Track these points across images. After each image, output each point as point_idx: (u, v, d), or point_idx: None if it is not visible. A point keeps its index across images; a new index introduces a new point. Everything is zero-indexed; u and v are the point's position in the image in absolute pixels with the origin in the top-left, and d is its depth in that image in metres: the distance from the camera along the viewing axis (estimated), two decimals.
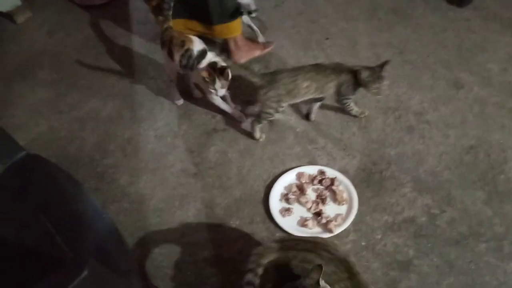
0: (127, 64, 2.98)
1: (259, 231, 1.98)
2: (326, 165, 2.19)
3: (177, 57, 2.24)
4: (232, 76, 2.19)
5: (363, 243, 1.88)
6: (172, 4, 2.28)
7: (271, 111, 2.21)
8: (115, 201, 2.16)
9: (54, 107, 2.72)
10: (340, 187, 2.08)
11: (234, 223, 2.02)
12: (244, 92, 2.57)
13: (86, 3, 3.61)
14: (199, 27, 2.68)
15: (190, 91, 2.59)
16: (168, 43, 2.27)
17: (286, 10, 3.27)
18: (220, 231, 1.99)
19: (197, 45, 2.22)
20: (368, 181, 2.12)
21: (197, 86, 2.53)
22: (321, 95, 2.23)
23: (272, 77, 2.17)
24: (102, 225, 1.49)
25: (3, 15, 3.45)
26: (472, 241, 1.82)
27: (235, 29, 2.68)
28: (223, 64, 2.21)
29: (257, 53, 2.83)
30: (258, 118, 2.27)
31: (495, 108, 2.36)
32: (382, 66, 2.13)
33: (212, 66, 2.18)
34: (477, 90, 2.47)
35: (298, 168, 2.19)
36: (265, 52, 2.85)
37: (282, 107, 2.22)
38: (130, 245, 1.93)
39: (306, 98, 2.23)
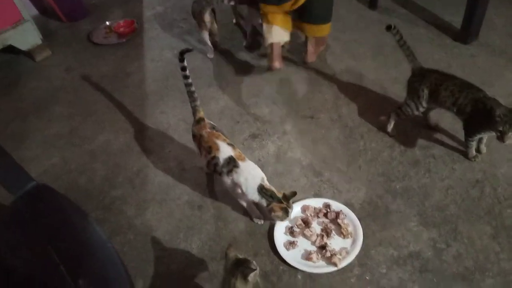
0: (139, 100, 3.08)
1: (263, 264, 1.96)
2: (332, 198, 2.20)
3: (204, 160, 2.15)
4: None
5: (367, 277, 1.85)
6: (196, 95, 2.20)
7: (412, 106, 2.34)
8: (121, 232, 2.18)
9: (67, 141, 2.81)
10: (345, 221, 2.08)
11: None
12: None
13: (104, 42, 3.80)
14: (290, 22, 2.96)
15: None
16: (198, 138, 2.16)
17: (294, 46, 3.36)
18: (223, 264, 1.97)
19: (224, 153, 2.05)
20: (373, 214, 2.11)
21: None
22: (455, 111, 2.20)
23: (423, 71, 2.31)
24: (105, 254, 1.52)
25: (24, 53, 3.63)
26: (479, 277, 1.78)
27: (326, 30, 3.03)
28: (278, 193, 1.98)
29: (321, 48, 3.23)
30: (398, 111, 2.41)
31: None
32: None
33: (270, 196, 1.96)
34: None
35: (304, 200, 2.19)
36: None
37: (423, 106, 2.31)
38: (133, 277, 1.93)
39: (442, 107, 2.25)
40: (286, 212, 1.95)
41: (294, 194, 1.98)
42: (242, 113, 2.85)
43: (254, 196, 1.99)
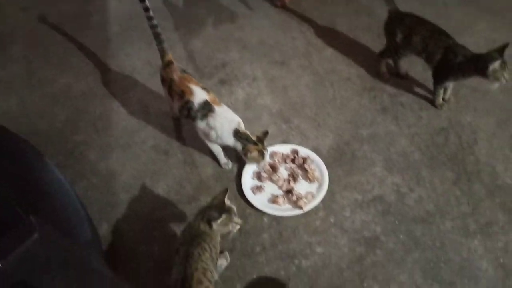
0: (102, 41, 2.92)
1: None
2: (300, 144, 2.19)
3: (176, 106, 2.05)
4: None
5: (332, 220, 1.88)
6: (162, 37, 2.10)
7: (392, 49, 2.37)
8: (84, 177, 2.12)
9: (26, 83, 2.65)
10: (312, 166, 2.08)
11: (204, 199, 2.00)
12: None
13: None
14: None
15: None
16: (168, 83, 2.06)
17: None
18: (190, 207, 1.97)
19: (198, 96, 1.97)
20: (340, 160, 2.12)
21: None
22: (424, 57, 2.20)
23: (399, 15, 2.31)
24: (64, 196, 1.47)
25: None
26: (439, 219, 1.84)
27: None
28: (251, 136, 1.95)
29: None
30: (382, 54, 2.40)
31: (469, 91, 2.38)
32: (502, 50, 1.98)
33: (246, 139, 1.93)
34: None
35: (272, 147, 2.17)
36: None
37: (400, 51, 2.32)
38: (97, 220, 1.89)
39: (414, 53, 2.25)
40: (262, 154, 1.93)
41: (266, 133, 1.95)
42: (211, 57, 2.75)
43: (229, 140, 1.95)
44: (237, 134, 1.94)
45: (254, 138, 1.94)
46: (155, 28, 2.10)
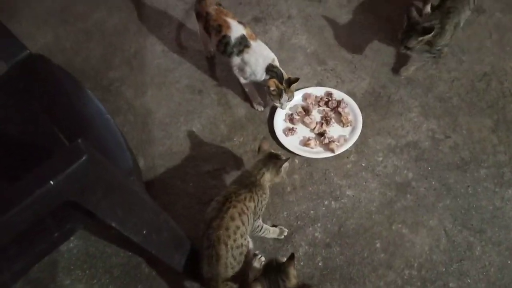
0: None
1: (261, 146, 1.98)
2: (334, 87, 2.16)
3: (214, 41, 1.99)
4: None
5: (363, 164, 1.89)
6: None
7: None
8: (120, 113, 2.17)
9: (60, 18, 2.66)
10: (346, 110, 2.06)
11: (237, 140, 2.04)
12: None
13: None
14: None
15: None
16: (204, 18, 2.00)
17: None
18: (224, 146, 2.01)
19: (235, 31, 1.92)
20: (375, 104, 2.09)
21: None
22: None
23: None
24: (103, 124, 1.50)
25: None
26: (473, 167, 1.82)
27: None
28: (285, 74, 1.92)
29: None
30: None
31: None
32: None
33: (275, 74, 1.90)
34: (499, 16, 2.34)
35: (305, 89, 2.15)
36: None
37: None
38: (135, 156, 1.96)
39: None
40: (279, 93, 1.90)
41: (296, 79, 1.92)
42: None
43: (263, 77, 1.94)
44: (270, 68, 1.91)
45: (286, 76, 1.91)
46: None
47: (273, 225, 1.74)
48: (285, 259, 1.33)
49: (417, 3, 2.39)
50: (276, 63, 1.94)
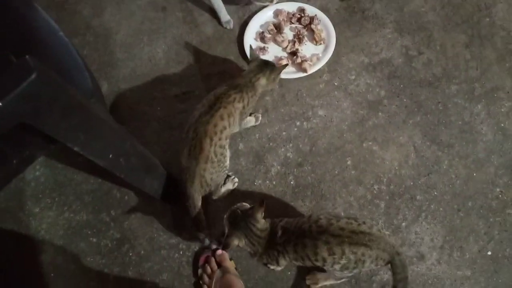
0: None
1: (231, 69, 1.91)
2: (307, 1, 2.04)
3: None
4: None
5: (335, 83, 1.85)
6: None
7: None
8: (78, 34, 2.02)
9: None
10: (319, 27, 1.97)
11: (206, 60, 1.94)
12: None
13: None
14: None
15: None
16: None
17: None
18: (191, 67, 1.92)
19: None
20: (349, 20, 2.00)
21: None
22: None
23: None
24: (58, 44, 1.38)
25: None
26: (445, 83, 1.81)
27: None
28: None
29: None
30: None
31: None
32: None
33: None
34: None
35: (277, 4, 2.03)
36: None
37: None
38: (97, 80, 1.86)
39: None
40: None
41: None
42: None
43: None
44: None
45: None
46: None
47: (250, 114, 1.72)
48: (244, 205, 1.33)
49: None
50: None
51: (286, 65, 1.70)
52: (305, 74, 1.85)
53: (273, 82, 1.65)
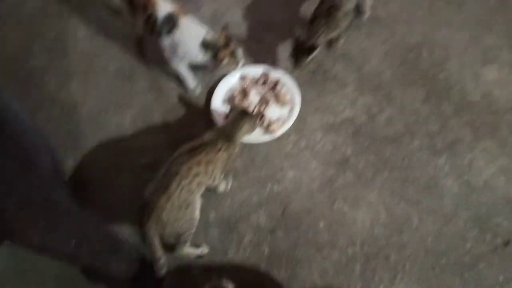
0: None
1: (199, 135, 1.92)
2: (271, 64, 2.10)
3: (140, 21, 1.86)
4: None
5: (303, 144, 1.88)
6: None
7: None
8: (43, 107, 2.01)
9: None
10: (284, 89, 2.02)
11: (173, 127, 1.95)
12: None
13: None
14: None
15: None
16: None
17: None
18: (158, 136, 1.92)
19: (162, 8, 1.80)
20: (312, 81, 2.06)
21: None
22: None
23: None
24: (18, 123, 1.37)
25: None
26: (408, 139, 1.86)
27: None
28: (219, 41, 1.83)
29: None
30: None
31: (444, 3, 2.28)
32: None
33: (213, 47, 1.81)
34: None
35: (242, 69, 2.08)
36: None
37: None
38: (62, 153, 1.83)
39: None
40: (234, 55, 1.85)
41: (226, 27, 1.85)
42: None
43: (199, 55, 1.84)
44: (205, 45, 1.81)
45: (221, 40, 1.82)
46: None
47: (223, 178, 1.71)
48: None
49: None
50: (210, 36, 1.84)
51: (261, 113, 1.81)
52: (273, 137, 1.88)
53: (253, 127, 1.71)
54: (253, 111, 1.76)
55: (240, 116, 1.68)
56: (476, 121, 1.88)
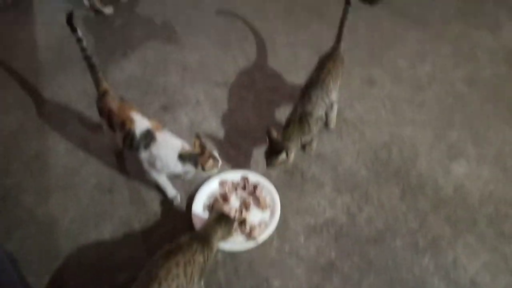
0: (32, 71, 2.74)
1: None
2: (250, 169, 2.16)
3: (119, 137, 1.93)
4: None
5: (286, 249, 1.87)
6: (97, 67, 1.99)
7: None
8: (20, 226, 1.97)
9: None
10: (263, 193, 2.06)
11: (154, 238, 1.92)
12: None
13: None
14: None
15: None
16: (107, 114, 1.94)
17: (205, 9, 3.20)
18: (140, 249, 1.88)
19: (140, 125, 1.89)
20: (290, 183, 2.11)
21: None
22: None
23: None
24: None
25: None
26: (389, 238, 1.88)
27: None
28: (195, 150, 1.88)
29: None
30: None
31: (406, 104, 2.46)
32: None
33: (190, 159, 1.87)
34: (389, 86, 2.56)
35: (221, 174, 2.12)
36: None
37: None
38: (38, 273, 1.76)
39: None
40: (214, 159, 1.89)
41: (198, 136, 1.90)
42: (150, 82, 2.66)
43: (177, 167, 1.88)
44: (182, 157, 1.86)
45: (197, 150, 1.87)
46: (89, 59, 1.99)
47: None
48: None
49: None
50: (185, 147, 1.89)
51: (243, 219, 1.89)
52: (255, 244, 1.86)
53: (229, 233, 1.74)
54: (232, 216, 1.81)
55: (218, 219, 1.72)
56: (453, 216, 1.93)
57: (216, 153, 1.91)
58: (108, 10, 3.17)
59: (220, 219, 1.73)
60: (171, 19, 3.13)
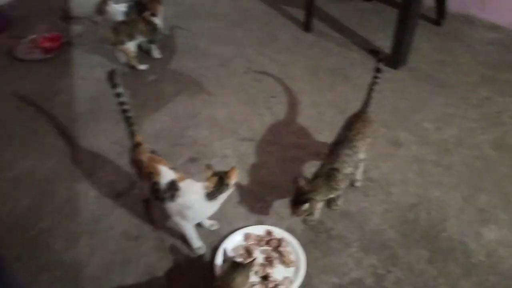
0: (68, 121, 2.88)
1: None
2: (274, 224, 2.16)
3: (147, 188, 2.00)
4: None
5: None
6: (132, 119, 2.08)
7: None
8: (48, 269, 1.98)
9: None
10: (288, 248, 2.04)
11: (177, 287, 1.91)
12: None
13: (28, 57, 3.52)
14: None
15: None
16: (138, 165, 2.02)
17: (234, 68, 3.36)
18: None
19: (165, 176, 1.93)
20: (315, 241, 2.10)
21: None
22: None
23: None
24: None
25: None
26: None
27: None
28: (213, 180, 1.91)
29: None
30: None
31: (432, 166, 2.47)
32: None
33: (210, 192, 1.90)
34: (415, 148, 2.59)
35: (245, 228, 2.13)
36: None
37: None
38: None
39: None
40: (233, 170, 1.94)
41: (210, 166, 1.93)
42: (180, 135, 2.75)
43: (209, 209, 1.94)
44: (210, 195, 1.88)
45: (215, 180, 1.89)
46: (126, 112, 2.09)
47: None
48: None
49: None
50: (208, 185, 1.90)
51: (254, 259, 1.83)
52: None
53: (247, 279, 1.72)
54: (242, 263, 1.76)
55: (233, 267, 1.71)
56: (485, 282, 1.87)
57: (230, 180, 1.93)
58: (143, 66, 3.35)
59: (236, 266, 1.72)
60: (201, 76, 3.29)
